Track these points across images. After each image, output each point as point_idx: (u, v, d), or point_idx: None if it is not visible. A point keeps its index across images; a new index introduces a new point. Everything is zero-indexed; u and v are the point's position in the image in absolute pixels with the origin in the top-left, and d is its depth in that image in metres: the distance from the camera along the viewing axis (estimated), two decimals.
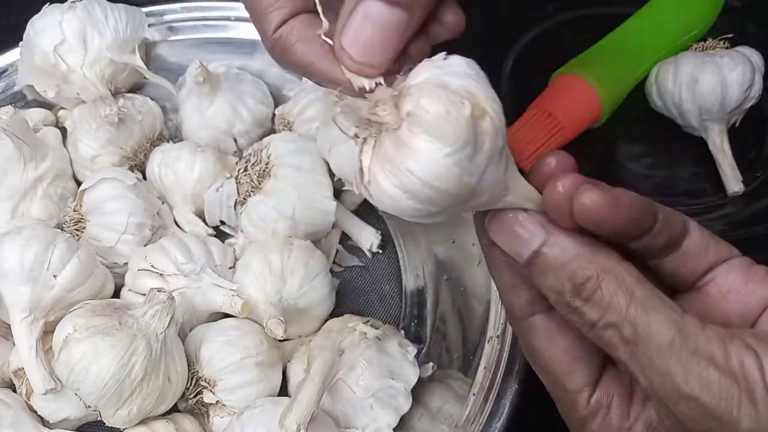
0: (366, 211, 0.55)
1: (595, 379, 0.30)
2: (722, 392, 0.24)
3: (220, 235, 0.54)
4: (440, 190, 0.25)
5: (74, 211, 0.51)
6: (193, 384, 0.45)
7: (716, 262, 0.30)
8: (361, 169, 0.26)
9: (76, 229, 0.51)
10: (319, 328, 0.49)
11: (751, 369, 0.24)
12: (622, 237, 0.28)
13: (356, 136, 0.26)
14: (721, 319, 0.29)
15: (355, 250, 0.55)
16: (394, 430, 0.44)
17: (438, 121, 0.25)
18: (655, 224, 0.28)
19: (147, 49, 0.60)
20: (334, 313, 0.50)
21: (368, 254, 0.54)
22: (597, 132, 0.62)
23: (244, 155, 0.54)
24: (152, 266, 0.47)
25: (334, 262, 0.54)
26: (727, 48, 0.60)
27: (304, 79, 0.59)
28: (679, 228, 0.29)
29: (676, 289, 0.31)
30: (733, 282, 0.29)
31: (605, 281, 0.27)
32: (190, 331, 0.47)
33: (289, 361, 0.47)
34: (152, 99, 0.58)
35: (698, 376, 0.25)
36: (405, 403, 0.44)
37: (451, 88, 0.25)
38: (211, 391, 0.44)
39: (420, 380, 0.45)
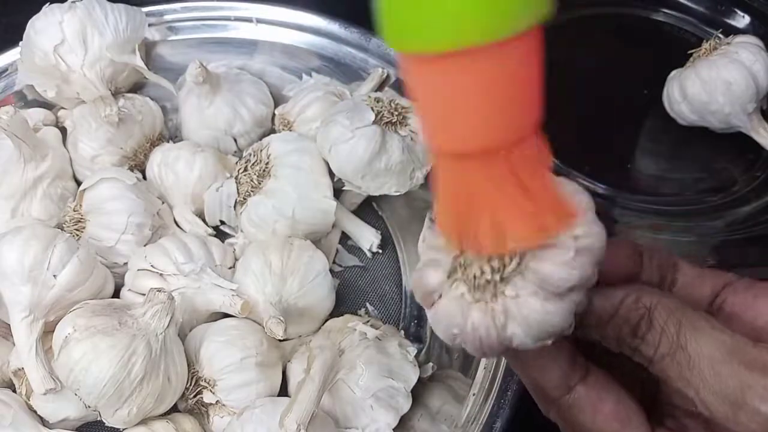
0: (366, 211, 0.55)
1: None
2: None
3: (220, 235, 0.54)
4: None
5: (74, 211, 0.51)
6: (193, 384, 0.45)
7: (716, 288, 0.30)
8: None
9: (76, 229, 0.51)
10: (319, 328, 0.49)
11: None
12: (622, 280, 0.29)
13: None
14: None
15: (355, 250, 0.55)
16: (394, 430, 0.44)
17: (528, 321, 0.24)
18: (643, 262, 0.29)
19: (147, 49, 0.60)
20: (334, 313, 0.50)
21: (368, 254, 0.54)
22: (608, 137, 0.61)
23: (244, 155, 0.54)
24: (152, 266, 0.47)
25: (334, 262, 0.54)
26: (728, 44, 0.60)
27: (304, 78, 0.59)
28: (668, 262, 0.30)
29: None
30: (741, 303, 0.29)
31: (655, 314, 0.27)
32: (190, 331, 0.47)
33: (289, 361, 0.47)
34: (152, 99, 0.58)
35: (755, 387, 0.25)
36: (405, 403, 0.44)
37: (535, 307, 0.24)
38: (211, 391, 0.44)
39: (420, 380, 0.45)
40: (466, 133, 0.21)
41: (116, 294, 0.49)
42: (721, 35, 0.61)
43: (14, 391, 0.46)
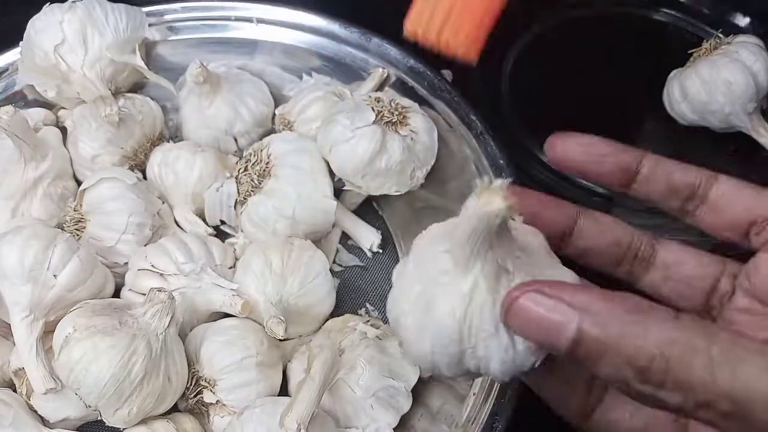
0: (366, 211, 0.56)
1: None
2: None
3: (220, 234, 0.54)
4: None
5: (74, 210, 0.51)
6: (193, 384, 0.45)
7: (758, 210, 0.26)
8: None
9: (76, 229, 0.51)
10: (319, 328, 0.49)
11: None
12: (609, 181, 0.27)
13: None
14: None
15: (355, 250, 0.55)
16: (394, 430, 0.44)
17: None
18: (639, 168, 0.28)
19: (147, 49, 0.60)
20: (334, 313, 0.50)
21: (368, 254, 0.54)
22: (608, 137, 0.61)
23: (244, 155, 0.54)
24: (152, 266, 0.47)
25: (334, 262, 0.54)
26: (728, 44, 0.60)
27: (305, 78, 0.59)
28: (690, 179, 0.28)
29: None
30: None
31: (674, 358, 0.21)
32: (190, 331, 0.47)
33: (289, 361, 0.47)
34: (152, 99, 0.58)
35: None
36: (405, 403, 0.44)
37: None
38: (211, 390, 0.44)
39: (420, 380, 0.45)
40: None
41: (116, 294, 0.49)
42: (721, 35, 0.61)
43: (14, 390, 0.46)
